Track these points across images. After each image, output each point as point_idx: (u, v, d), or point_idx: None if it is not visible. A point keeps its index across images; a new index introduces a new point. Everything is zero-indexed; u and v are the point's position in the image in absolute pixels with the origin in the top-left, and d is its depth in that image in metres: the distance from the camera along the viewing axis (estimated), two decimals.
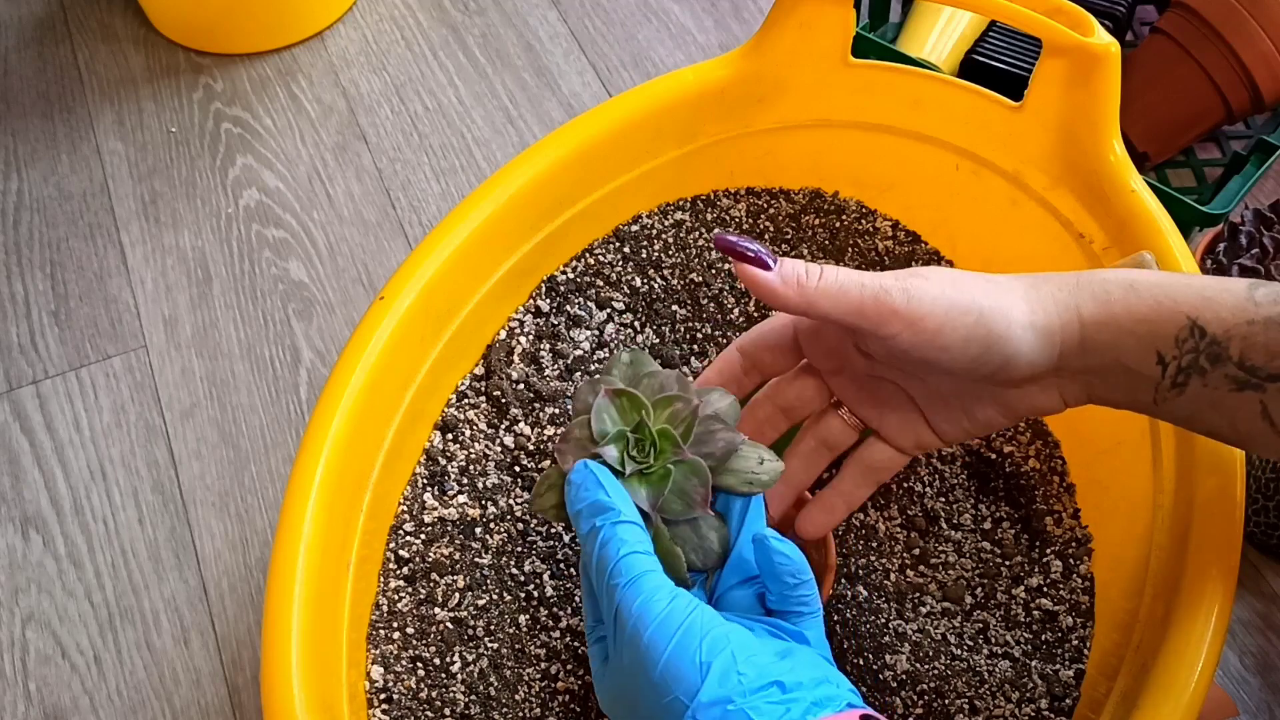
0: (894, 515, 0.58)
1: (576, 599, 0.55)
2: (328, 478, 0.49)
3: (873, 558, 0.57)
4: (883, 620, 0.55)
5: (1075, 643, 0.54)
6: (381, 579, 0.55)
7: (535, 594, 0.55)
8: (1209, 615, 0.43)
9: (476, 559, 0.56)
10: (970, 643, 0.54)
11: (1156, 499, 0.51)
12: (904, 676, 0.53)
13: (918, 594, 0.56)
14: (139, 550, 0.70)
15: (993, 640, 0.54)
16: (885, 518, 0.58)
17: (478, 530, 0.57)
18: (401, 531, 0.56)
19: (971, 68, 0.83)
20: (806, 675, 0.36)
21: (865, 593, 0.55)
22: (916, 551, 0.57)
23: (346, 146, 0.92)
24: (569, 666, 0.53)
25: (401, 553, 0.56)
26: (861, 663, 0.53)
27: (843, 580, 0.56)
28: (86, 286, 0.83)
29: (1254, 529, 0.69)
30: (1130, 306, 0.39)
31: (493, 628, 0.54)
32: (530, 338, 0.63)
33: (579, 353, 0.62)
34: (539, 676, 0.53)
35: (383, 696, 0.51)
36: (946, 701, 0.52)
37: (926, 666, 0.53)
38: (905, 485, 0.58)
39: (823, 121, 0.66)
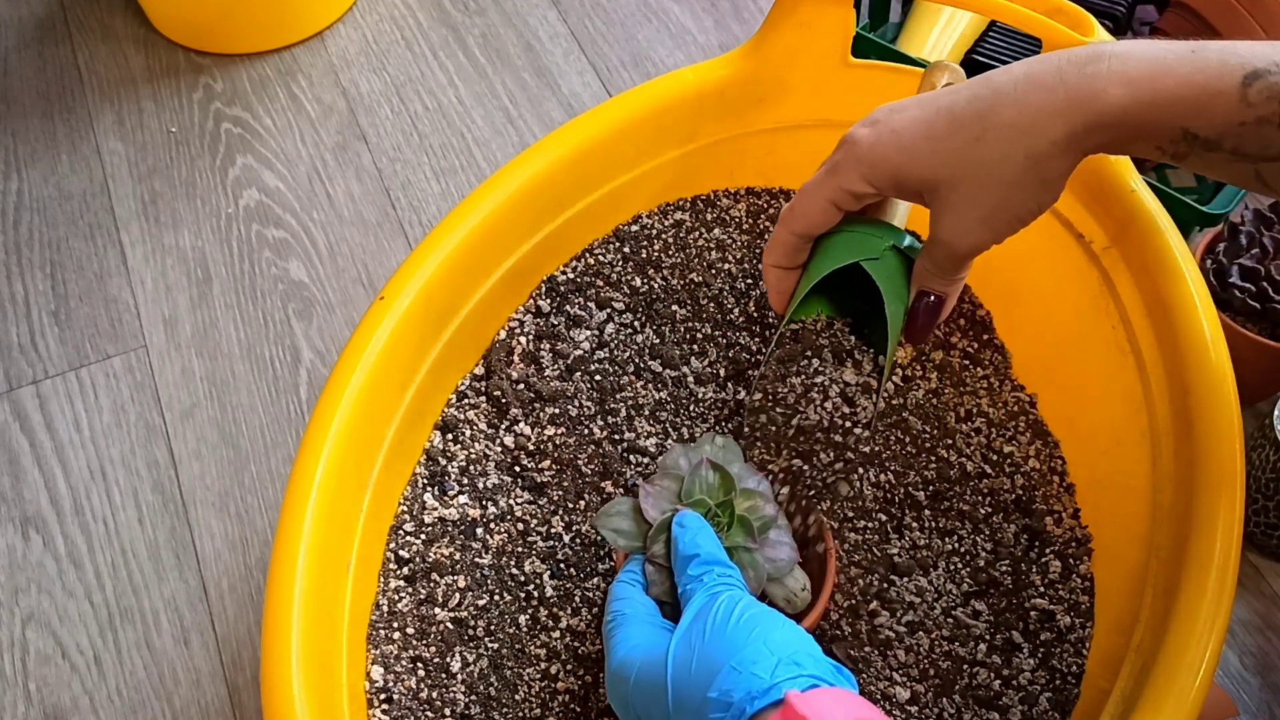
0: (893, 515, 0.58)
1: (576, 599, 0.55)
2: (328, 478, 0.49)
3: (871, 557, 0.57)
4: (882, 620, 0.55)
5: (1075, 642, 0.54)
6: (381, 579, 0.55)
7: (535, 594, 0.55)
8: (1209, 615, 0.43)
9: (477, 559, 0.56)
10: (970, 642, 0.54)
11: (1156, 499, 0.51)
12: (904, 676, 0.53)
13: (917, 594, 0.56)
14: (139, 550, 0.70)
15: (993, 640, 0.54)
16: (884, 519, 0.58)
17: (478, 530, 0.57)
18: (401, 531, 0.56)
19: (971, 68, 0.83)
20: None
21: (862, 595, 0.55)
22: (916, 551, 0.57)
23: (346, 146, 0.92)
24: (569, 666, 0.53)
25: (401, 553, 0.56)
26: (861, 663, 0.53)
27: (841, 581, 0.56)
28: (86, 286, 0.83)
29: (1254, 529, 0.69)
30: (1127, 127, 0.40)
31: (493, 628, 0.54)
32: (530, 338, 0.63)
33: (579, 353, 0.62)
34: (539, 676, 0.53)
35: (383, 696, 0.51)
36: (946, 701, 0.52)
37: (927, 666, 0.53)
38: (905, 485, 0.59)
39: (823, 121, 0.66)
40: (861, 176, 0.45)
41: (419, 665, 0.53)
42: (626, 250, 0.66)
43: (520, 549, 0.57)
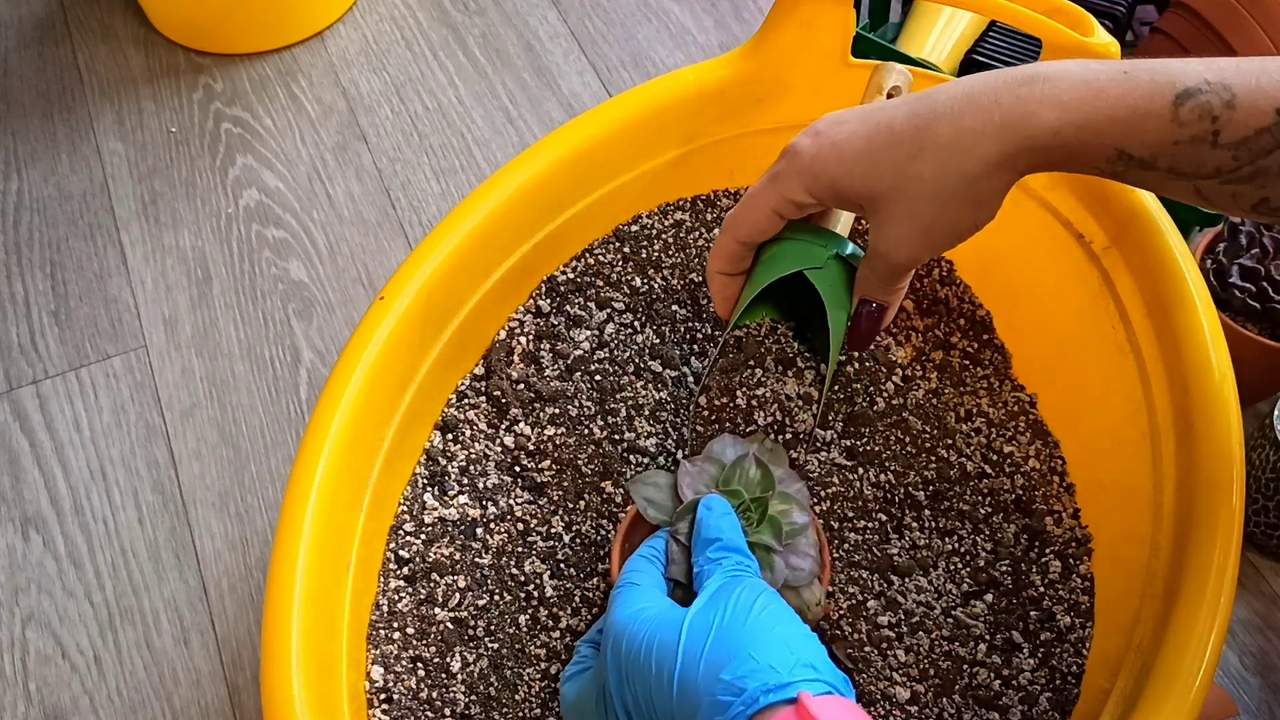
0: (893, 515, 0.58)
1: (576, 599, 0.55)
2: (328, 478, 0.49)
3: (871, 557, 0.57)
4: (882, 620, 0.55)
5: (1075, 642, 0.54)
6: (381, 579, 0.55)
7: (535, 594, 0.55)
8: (1209, 615, 0.43)
9: (477, 559, 0.56)
10: (970, 642, 0.54)
11: (1156, 499, 0.51)
12: (904, 676, 0.53)
13: (917, 594, 0.56)
14: (139, 550, 0.70)
15: (993, 640, 0.54)
16: (883, 519, 0.58)
17: (478, 530, 0.57)
18: (401, 531, 0.56)
19: (971, 68, 0.83)
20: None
21: (862, 595, 0.55)
22: (916, 551, 0.57)
23: (346, 146, 0.92)
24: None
25: (401, 553, 0.56)
26: (861, 663, 0.53)
27: (838, 581, 0.56)
28: (86, 286, 0.83)
29: (1254, 529, 0.69)
30: (1059, 149, 0.41)
31: (493, 628, 0.54)
32: (530, 338, 0.63)
33: (579, 353, 0.62)
34: (539, 676, 0.53)
35: (383, 696, 0.51)
36: (946, 701, 0.52)
37: (926, 666, 0.53)
38: (905, 485, 0.58)
39: None
40: (803, 187, 0.45)
41: (419, 665, 0.53)
42: (626, 250, 0.66)
43: (520, 549, 0.57)
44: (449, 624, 0.54)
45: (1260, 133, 0.38)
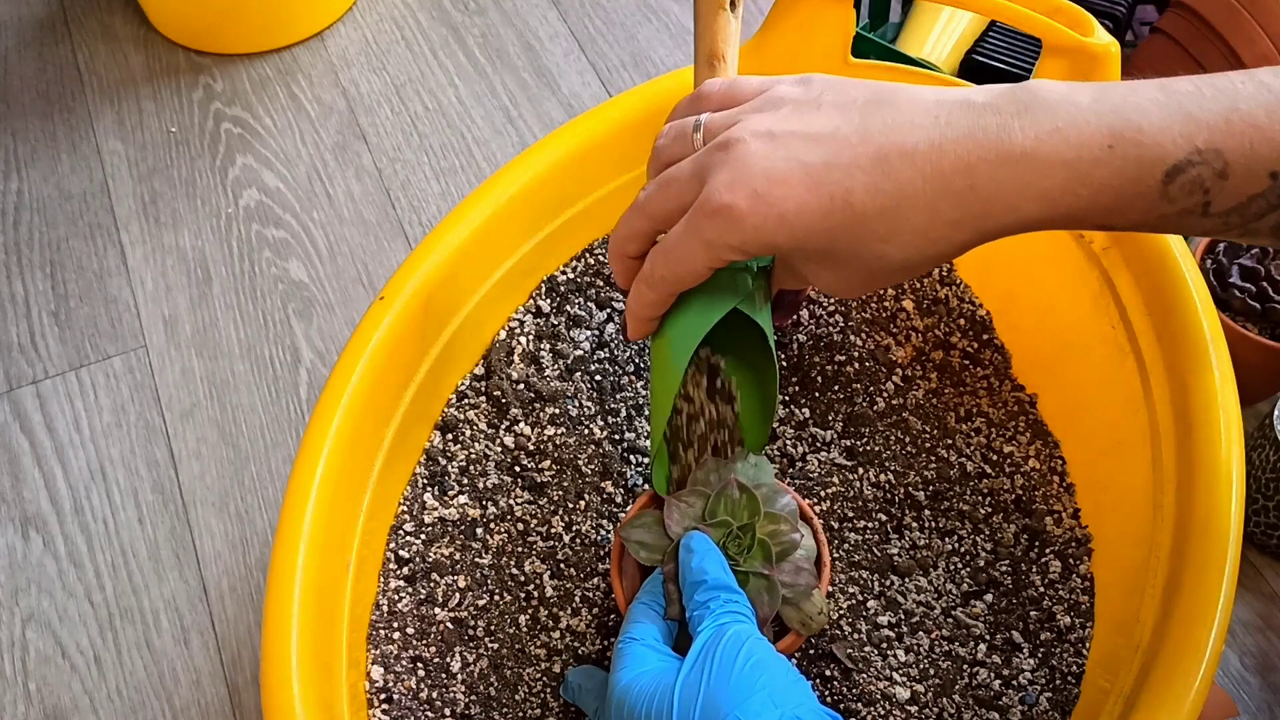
0: (893, 515, 0.58)
1: (576, 599, 0.55)
2: (328, 478, 0.49)
3: (871, 557, 0.57)
4: (882, 620, 0.55)
5: (1075, 642, 0.54)
6: (381, 579, 0.55)
7: (535, 594, 0.55)
8: (1209, 615, 0.43)
9: (477, 559, 0.56)
10: (970, 642, 0.54)
11: (1156, 499, 0.51)
12: (904, 676, 0.53)
13: (917, 594, 0.56)
14: (139, 550, 0.70)
15: (993, 640, 0.54)
16: (883, 519, 0.58)
17: (478, 530, 0.57)
18: (401, 531, 0.56)
19: (971, 68, 0.83)
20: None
21: (862, 595, 0.55)
22: (916, 551, 0.57)
23: (346, 146, 0.92)
24: (569, 666, 0.53)
25: (401, 553, 0.56)
26: (861, 662, 0.53)
27: (838, 581, 0.56)
28: (86, 286, 0.83)
29: (1254, 529, 0.69)
30: (1039, 229, 0.39)
31: (493, 628, 0.54)
32: (530, 338, 0.63)
33: (579, 353, 0.62)
34: (539, 676, 0.53)
35: (383, 696, 0.51)
36: (946, 701, 0.52)
37: (926, 666, 0.53)
38: (905, 485, 0.58)
39: None
40: (740, 251, 0.40)
41: (419, 665, 0.53)
42: None
43: (520, 549, 0.57)
44: (449, 624, 0.54)
45: (1253, 199, 0.36)
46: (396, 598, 0.54)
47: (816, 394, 0.62)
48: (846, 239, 0.39)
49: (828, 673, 0.53)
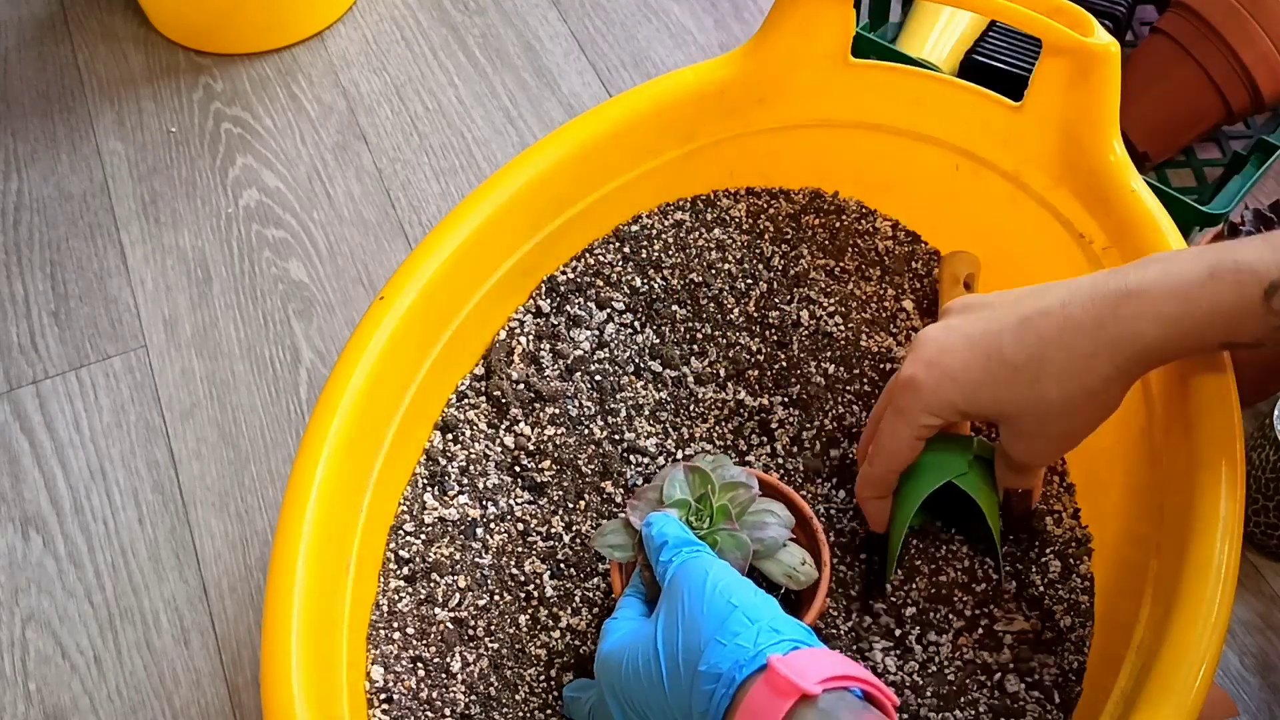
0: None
1: (576, 599, 0.55)
2: (328, 478, 0.49)
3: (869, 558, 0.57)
4: (879, 620, 0.55)
5: (1075, 642, 0.54)
6: (381, 579, 0.55)
7: (535, 594, 0.55)
8: (1209, 615, 0.43)
9: (477, 559, 0.56)
10: (970, 642, 0.54)
11: (1156, 499, 0.51)
12: (904, 675, 0.53)
13: (916, 594, 0.56)
14: (139, 550, 0.70)
15: (992, 639, 0.54)
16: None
17: (478, 530, 0.57)
18: (401, 531, 0.56)
19: (971, 68, 0.83)
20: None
21: (862, 594, 0.55)
22: (912, 552, 0.57)
23: (346, 146, 0.92)
24: (569, 666, 0.53)
25: (401, 553, 0.56)
26: (859, 658, 0.53)
27: (835, 583, 0.56)
28: (86, 286, 0.83)
29: (1254, 529, 0.69)
30: (1169, 353, 0.45)
31: (493, 628, 0.54)
32: (530, 338, 0.63)
33: (579, 353, 0.62)
34: (539, 676, 0.53)
35: (383, 696, 0.51)
36: (945, 701, 0.52)
37: (927, 665, 0.53)
38: None
39: (823, 121, 0.66)
40: (930, 414, 0.49)
41: (419, 665, 0.53)
42: (626, 250, 0.66)
43: (520, 549, 0.57)
44: (449, 624, 0.54)
45: None
46: (396, 598, 0.54)
47: (817, 394, 0.62)
48: (1008, 391, 0.46)
49: None
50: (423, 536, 0.56)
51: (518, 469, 0.59)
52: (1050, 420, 0.47)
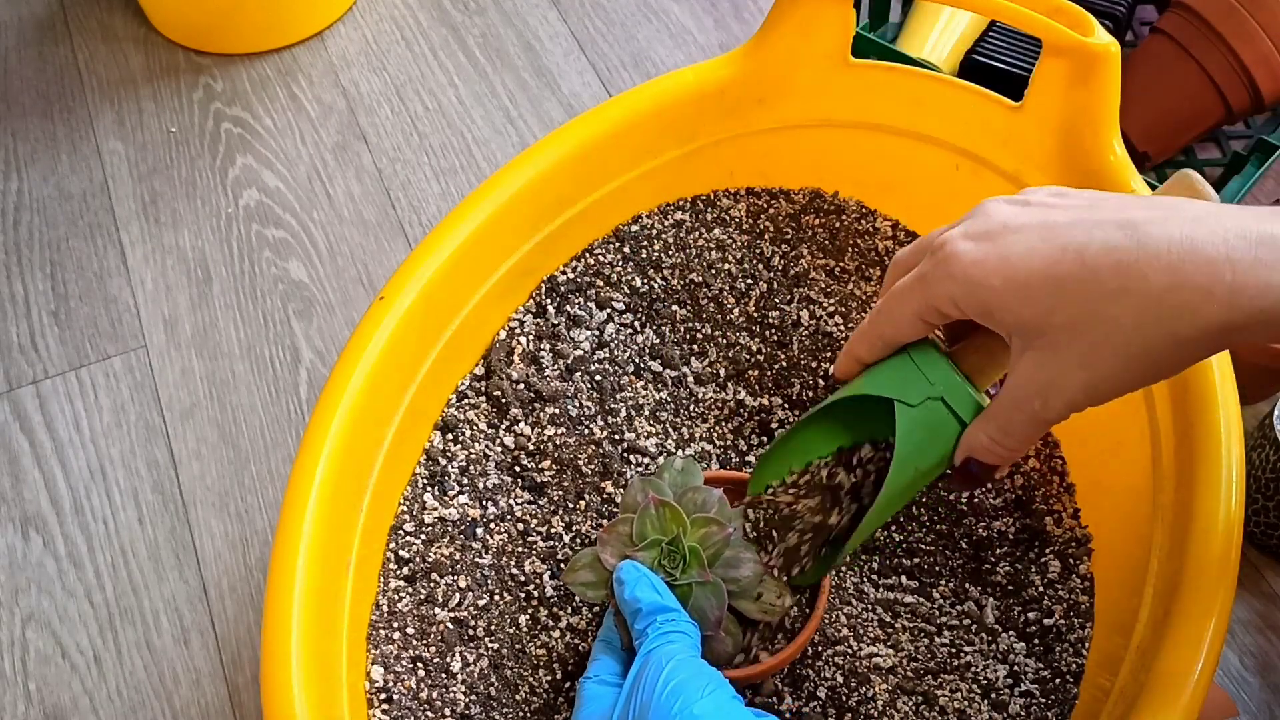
0: (894, 516, 0.58)
1: (576, 599, 0.55)
2: (328, 478, 0.49)
3: (868, 559, 0.57)
4: (878, 619, 0.55)
5: (1075, 642, 0.54)
6: (381, 579, 0.55)
7: (535, 594, 0.55)
8: (1209, 615, 0.43)
9: (477, 559, 0.56)
10: (970, 642, 0.54)
11: (1156, 499, 0.51)
12: (902, 675, 0.53)
13: (916, 594, 0.56)
14: (139, 550, 0.70)
15: (992, 640, 0.54)
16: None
17: (478, 530, 0.57)
18: (401, 531, 0.56)
19: (971, 68, 0.83)
20: None
21: (858, 597, 0.55)
22: (913, 551, 0.57)
23: (346, 146, 0.92)
24: (570, 666, 0.53)
25: (401, 553, 0.56)
26: (856, 661, 0.53)
27: (833, 579, 0.56)
28: (86, 286, 0.83)
29: (1254, 529, 0.69)
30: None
31: (493, 628, 0.54)
32: (530, 338, 0.63)
33: (579, 353, 0.62)
34: (539, 676, 0.53)
35: (383, 696, 0.51)
36: (945, 701, 0.52)
37: (926, 664, 0.53)
38: None
39: (823, 121, 0.66)
40: (951, 297, 0.39)
41: (419, 665, 0.53)
42: (626, 250, 0.66)
43: (520, 549, 0.57)
44: (449, 624, 0.54)
45: None
46: (396, 598, 0.54)
47: (817, 394, 0.62)
48: (1072, 296, 0.36)
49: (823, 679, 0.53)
50: (423, 536, 0.56)
51: (518, 469, 0.59)
52: (1104, 354, 0.36)
